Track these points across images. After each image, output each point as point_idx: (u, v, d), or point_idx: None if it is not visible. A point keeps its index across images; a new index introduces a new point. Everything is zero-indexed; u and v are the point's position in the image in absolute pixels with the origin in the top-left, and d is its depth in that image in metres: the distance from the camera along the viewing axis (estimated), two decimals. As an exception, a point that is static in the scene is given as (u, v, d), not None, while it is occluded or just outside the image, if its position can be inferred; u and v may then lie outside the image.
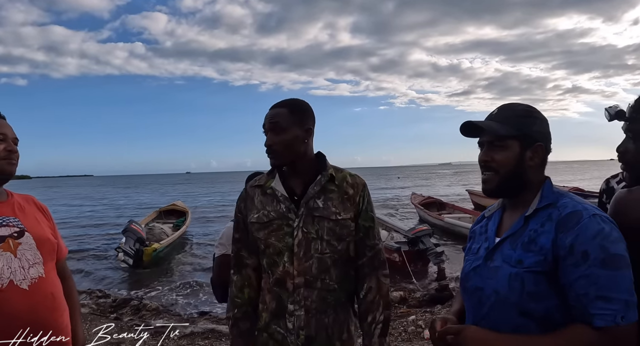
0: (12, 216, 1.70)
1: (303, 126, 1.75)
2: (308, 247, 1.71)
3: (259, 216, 1.78)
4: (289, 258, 1.71)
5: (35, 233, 1.73)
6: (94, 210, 29.20)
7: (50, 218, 1.92)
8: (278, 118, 1.73)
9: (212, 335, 4.92)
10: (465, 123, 1.43)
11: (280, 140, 1.71)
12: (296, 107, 1.78)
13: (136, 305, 6.19)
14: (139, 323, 5.41)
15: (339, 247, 1.73)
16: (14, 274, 1.59)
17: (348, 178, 1.81)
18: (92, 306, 6.06)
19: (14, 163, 1.70)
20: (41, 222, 1.82)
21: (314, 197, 1.74)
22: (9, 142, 1.68)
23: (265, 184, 1.85)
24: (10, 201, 1.75)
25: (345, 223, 1.74)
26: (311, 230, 1.71)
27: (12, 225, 1.67)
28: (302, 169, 1.79)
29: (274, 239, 1.74)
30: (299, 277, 1.71)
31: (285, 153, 1.73)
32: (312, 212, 1.72)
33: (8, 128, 1.72)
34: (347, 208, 1.75)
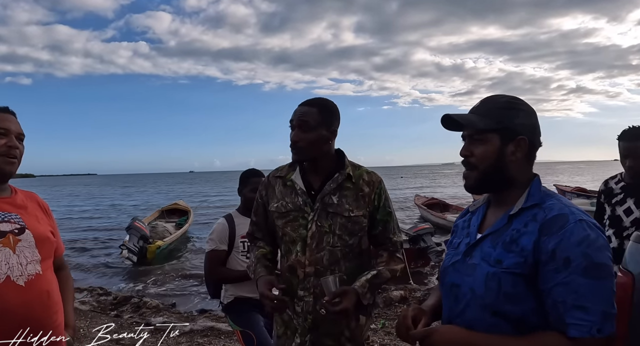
0: (14, 213, 1.70)
1: (330, 127, 1.88)
2: (321, 240, 1.85)
3: (278, 206, 1.94)
4: (301, 248, 1.87)
5: (35, 231, 1.73)
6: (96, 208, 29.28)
7: (50, 217, 1.92)
8: (307, 117, 1.84)
9: (211, 333, 4.92)
10: (444, 116, 1.37)
11: (306, 138, 1.82)
12: (326, 108, 1.89)
13: (136, 302, 6.19)
14: (139, 321, 5.42)
15: (350, 241, 1.87)
16: (12, 270, 1.59)
17: (365, 175, 1.93)
18: (92, 304, 6.07)
19: (14, 160, 1.67)
20: (42, 220, 1.82)
21: (329, 193, 1.87)
22: (10, 137, 1.65)
23: (286, 176, 1.98)
24: (13, 197, 1.74)
25: (357, 220, 1.87)
26: (324, 224, 1.85)
27: (13, 222, 1.67)
28: (322, 166, 1.92)
29: (290, 229, 1.90)
30: (309, 266, 1.85)
31: (308, 151, 1.84)
32: (326, 208, 1.86)
33: (13, 123, 1.70)
34: (361, 205, 1.87)
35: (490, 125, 1.29)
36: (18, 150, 1.68)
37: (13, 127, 1.68)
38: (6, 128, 1.65)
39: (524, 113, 1.31)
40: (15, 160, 1.67)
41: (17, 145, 1.68)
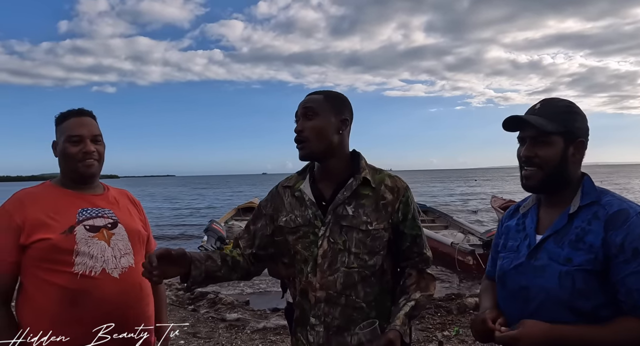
0: (108, 208, 1.78)
1: (338, 115, 1.61)
2: (334, 259, 1.56)
3: (287, 220, 1.67)
4: (312, 269, 1.59)
5: (128, 225, 1.79)
6: (174, 208, 30.62)
7: (142, 212, 1.99)
8: (312, 103, 1.60)
9: (283, 331, 4.99)
10: (512, 117, 1.43)
11: (312, 126, 1.57)
12: (332, 95, 1.66)
13: (212, 298, 6.41)
14: (215, 316, 5.63)
15: (370, 262, 1.56)
16: (107, 263, 1.65)
17: (387, 180, 1.62)
18: (171, 298, 6.34)
19: (91, 164, 1.72)
20: (133, 214, 1.90)
21: (343, 203, 1.58)
22: (85, 142, 1.70)
23: (294, 185, 1.71)
24: (106, 194, 1.83)
25: (377, 234, 1.57)
26: (338, 240, 1.56)
27: (106, 217, 1.75)
28: (335, 169, 1.64)
29: (301, 246, 1.62)
30: (320, 291, 1.57)
31: (315, 141, 1.57)
32: (339, 221, 1.57)
33: (85, 127, 1.73)
34: (382, 216, 1.57)
35: (557, 128, 1.36)
36: (95, 152, 1.73)
37: (86, 131, 1.72)
38: (79, 134, 1.70)
39: (581, 117, 1.42)
40: (92, 161, 1.72)
41: (92, 150, 1.72)
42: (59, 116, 1.77)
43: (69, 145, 1.69)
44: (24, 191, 1.72)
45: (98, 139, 1.77)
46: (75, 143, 1.69)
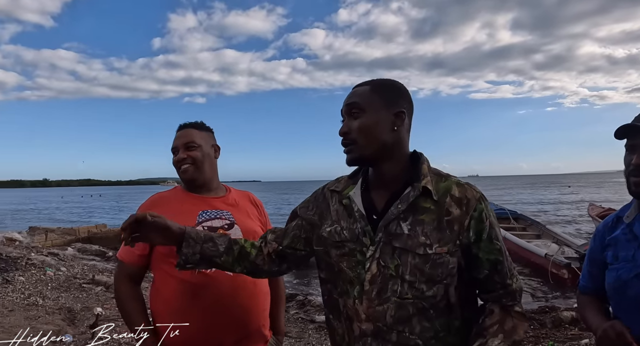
0: (226, 210, 1.89)
1: (391, 107, 1.32)
2: (384, 286, 1.26)
3: (331, 231, 1.39)
4: (359, 294, 1.29)
5: (244, 226, 1.88)
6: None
7: (262, 213, 2.07)
8: (356, 98, 1.34)
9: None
10: (625, 126, 1.42)
11: (359, 125, 1.31)
12: (381, 83, 1.37)
13: (302, 300, 6.63)
14: (304, 317, 5.83)
15: (428, 293, 1.24)
16: None
17: (454, 190, 1.30)
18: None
19: (186, 170, 1.87)
20: (252, 216, 1.98)
21: (397, 218, 1.28)
22: (178, 152, 1.89)
23: (342, 191, 1.43)
24: (226, 197, 1.97)
25: (439, 260, 1.24)
26: (390, 264, 1.26)
27: (224, 218, 1.86)
28: (390, 175, 1.35)
29: (346, 265, 1.33)
30: (367, 323, 1.28)
31: (365, 142, 1.31)
32: (392, 240, 1.27)
33: (180, 139, 1.90)
34: (446, 236, 1.25)
35: None
36: (187, 158, 1.88)
37: (179, 142, 1.89)
38: (174, 146, 1.90)
39: None
40: (186, 167, 1.88)
41: (183, 157, 1.87)
42: None
43: (173, 158, 1.92)
44: (157, 195, 1.93)
45: (191, 146, 1.89)
46: (174, 155, 1.91)
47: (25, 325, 5.06)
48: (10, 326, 4.98)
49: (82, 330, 5.26)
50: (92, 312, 5.72)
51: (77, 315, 5.86)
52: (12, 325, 5.03)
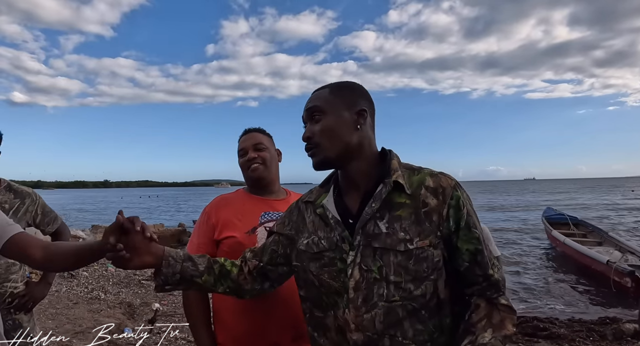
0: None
1: (352, 107, 1.30)
2: (370, 292, 1.21)
3: (309, 243, 1.35)
4: (346, 304, 1.24)
5: None
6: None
7: None
8: (316, 102, 1.32)
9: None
10: None
11: (321, 128, 1.29)
12: (339, 86, 1.35)
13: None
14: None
15: (416, 292, 1.19)
16: None
17: (427, 181, 1.25)
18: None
19: (256, 168, 1.92)
20: None
21: (373, 217, 1.24)
22: (246, 153, 1.94)
23: (316, 201, 1.40)
24: (287, 199, 2.00)
25: (422, 254, 1.19)
26: (372, 267, 1.21)
27: None
28: (359, 175, 1.31)
29: (327, 276, 1.28)
30: (357, 333, 1.22)
31: (329, 144, 1.29)
32: (371, 241, 1.22)
33: (248, 141, 1.95)
34: (426, 229, 1.20)
35: None
36: (257, 157, 1.93)
37: (248, 143, 1.94)
38: (243, 148, 1.95)
39: None
40: (256, 165, 1.92)
41: (253, 156, 1.91)
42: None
43: (239, 159, 1.97)
44: (221, 196, 1.99)
45: (260, 147, 1.94)
46: (241, 156, 1.96)
47: (89, 317, 5.33)
48: (74, 318, 5.26)
49: (141, 324, 5.48)
50: (151, 307, 5.95)
51: (136, 309, 6.11)
52: (77, 317, 5.30)
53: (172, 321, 5.52)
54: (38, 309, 5.32)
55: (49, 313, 5.38)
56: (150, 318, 5.30)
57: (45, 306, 5.59)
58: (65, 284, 7.04)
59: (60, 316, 5.30)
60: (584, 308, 7.93)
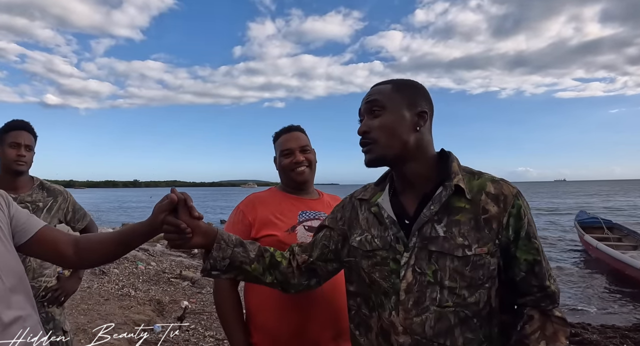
0: (323, 211, 1.92)
1: (413, 107, 1.27)
2: (422, 295, 1.19)
3: (362, 240, 1.34)
4: (395, 305, 1.23)
5: None
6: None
7: None
8: (377, 96, 1.29)
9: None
10: None
11: (379, 124, 1.27)
12: (403, 83, 1.32)
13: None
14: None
15: (470, 299, 1.18)
16: None
17: (489, 187, 1.23)
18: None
19: (302, 172, 1.92)
20: None
21: (431, 220, 1.22)
22: (294, 154, 1.92)
23: (370, 199, 1.39)
24: (321, 199, 2.02)
25: (480, 262, 1.18)
26: (427, 270, 1.20)
27: (322, 219, 1.83)
28: (417, 176, 1.29)
29: (379, 275, 1.27)
30: (404, 336, 1.20)
31: (386, 142, 1.26)
32: (427, 244, 1.21)
33: (293, 141, 1.94)
34: (485, 236, 1.18)
35: None
36: (304, 161, 1.93)
37: (294, 144, 1.93)
38: (289, 148, 1.93)
39: None
40: (303, 169, 1.93)
41: (301, 159, 1.91)
42: (274, 135, 2.04)
43: (283, 159, 1.95)
44: (254, 195, 1.99)
45: (306, 149, 1.95)
46: (287, 156, 1.94)
47: (119, 313, 5.43)
48: (105, 314, 5.37)
49: (170, 321, 5.56)
50: (180, 305, 6.03)
51: (165, 306, 6.20)
52: (108, 313, 5.41)
53: (200, 319, 5.58)
54: (70, 304, 5.47)
55: (81, 309, 5.50)
56: (179, 315, 5.36)
57: (78, 301, 5.72)
58: (97, 281, 7.19)
59: (92, 312, 5.41)
60: (617, 314, 7.72)
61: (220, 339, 4.91)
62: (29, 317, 1.29)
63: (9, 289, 1.24)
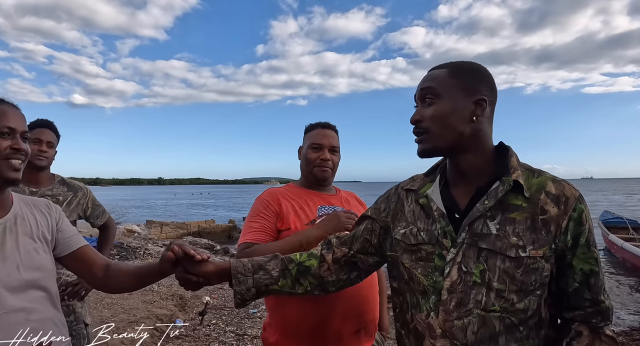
0: (341, 206, 1.96)
1: (471, 94, 1.16)
2: (466, 296, 1.11)
3: (406, 233, 1.25)
4: (434, 306, 1.15)
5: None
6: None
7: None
8: (431, 82, 1.19)
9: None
10: None
11: (433, 113, 1.17)
12: (461, 67, 1.20)
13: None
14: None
15: (519, 305, 1.08)
16: None
17: (549, 186, 1.13)
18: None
19: (325, 170, 1.95)
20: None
21: (484, 216, 1.13)
22: (323, 151, 1.95)
23: (419, 190, 1.30)
24: (338, 195, 2.05)
25: (533, 265, 1.08)
26: (473, 269, 1.11)
27: None
28: (472, 169, 1.19)
29: (421, 271, 1.19)
30: (442, 339, 1.12)
31: (439, 132, 1.17)
32: (477, 241, 1.12)
33: (326, 138, 1.96)
34: (541, 238, 1.09)
35: None
36: (330, 161, 1.96)
37: (326, 141, 1.96)
38: (320, 143, 1.95)
39: None
40: (326, 169, 1.96)
41: (327, 158, 1.94)
42: (308, 126, 2.05)
43: (310, 151, 1.97)
44: (272, 189, 2.01)
45: (335, 150, 1.99)
46: (315, 150, 1.96)
47: (142, 308, 5.53)
48: (129, 308, 5.47)
49: (192, 316, 5.63)
50: (201, 300, 6.10)
51: (187, 302, 6.29)
52: (131, 307, 5.52)
53: (222, 314, 5.64)
54: (95, 298, 5.58)
55: (105, 303, 5.62)
56: (201, 310, 5.43)
57: (102, 295, 5.84)
58: (121, 276, 7.33)
59: (116, 306, 5.52)
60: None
61: (240, 334, 4.96)
62: (35, 312, 1.30)
63: (25, 280, 1.29)
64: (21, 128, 1.35)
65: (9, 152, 1.31)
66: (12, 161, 1.31)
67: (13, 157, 1.31)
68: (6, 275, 1.25)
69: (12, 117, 1.33)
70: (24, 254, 1.32)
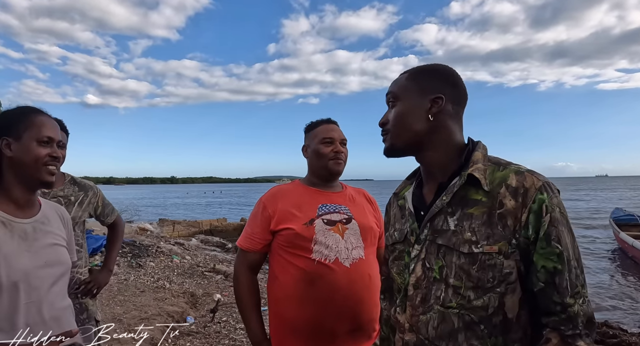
0: (344, 205, 1.96)
1: (426, 94, 1.19)
2: (428, 292, 1.12)
3: (387, 236, 1.35)
4: (401, 301, 1.19)
5: (361, 221, 1.93)
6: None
7: (377, 210, 2.11)
8: (393, 87, 1.26)
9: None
10: None
11: (393, 115, 1.23)
12: (419, 70, 1.25)
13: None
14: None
15: (476, 302, 1.06)
16: (339, 253, 1.81)
17: (511, 179, 1.09)
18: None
19: (339, 163, 1.97)
20: (368, 212, 2.03)
21: (444, 212, 1.13)
22: (335, 144, 1.97)
23: (400, 192, 1.38)
24: (343, 192, 2.05)
25: (489, 261, 1.05)
26: (434, 265, 1.12)
27: (342, 212, 1.92)
28: (435, 166, 1.21)
29: (395, 270, 1.25)
30: (410, 333, 1.15)
31: (397, 131, 1.21)
32: (436, 238, 1.13)
33: (335, 132, 2.00)
34: (497, 233, 1.05)
35: None
36: (342, 153, 1.98)
37: (336, 135, 1.98)
38: (331, 137, 1.98)
39: None
40: (341, 161, 1.98)
41: (341, 150, 1.97)
42: (309, 125, 2.08)
43: (322, 146, 1.97)
44: (277, 187, 2.04)
45: (344, 143, 2.02)
46: (327, 144, 1.97)
47: (154, 305, 5.58)
48: (141, 305, 5.53)
49: (203, 313, 5.67)
50: (212, 298, 6.15)
51: (198, 299, 6.34)
52: (143, 304, 5.57)
53: (232, 311, 5.67)
54: (108, 295, 5.65)
55: (117, 300, 5.68)
56: (212, 308, 5.47)
57: (115, 293, 5.91)
58: (133, 273, 7.40)
59: (128, 303, 5.58)
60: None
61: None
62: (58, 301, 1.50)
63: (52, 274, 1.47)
64: (57, 137, 1.52)
65: (48, 159, 1.47)
66: (49, 167, 1.48)
67: (51, 163, 1.48)
68: (37, 268, 1.42)
69: (51, 127, 1.50)
70: (51, 251, 1.50)
